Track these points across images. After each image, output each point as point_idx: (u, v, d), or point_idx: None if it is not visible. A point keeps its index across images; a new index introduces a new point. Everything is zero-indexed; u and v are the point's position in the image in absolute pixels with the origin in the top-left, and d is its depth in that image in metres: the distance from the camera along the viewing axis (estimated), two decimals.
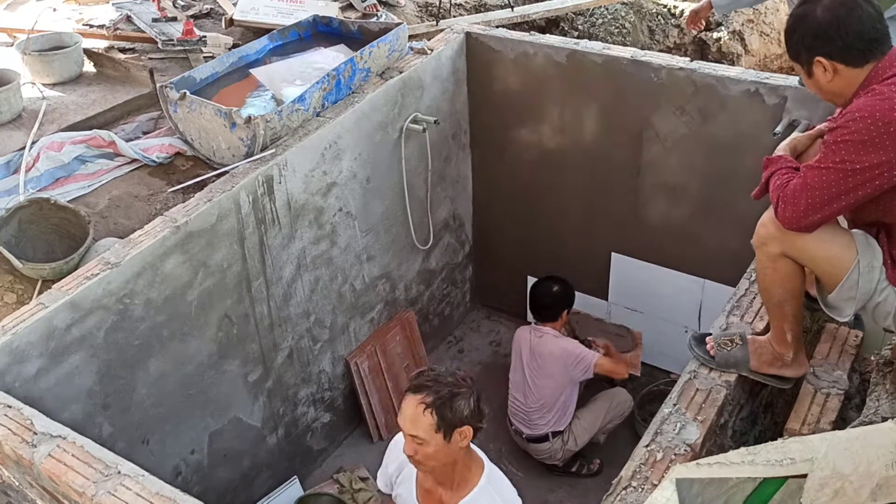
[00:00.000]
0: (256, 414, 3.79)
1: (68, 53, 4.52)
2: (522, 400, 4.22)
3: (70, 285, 2.87)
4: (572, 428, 4.20)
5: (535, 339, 4.20)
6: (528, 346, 4.21)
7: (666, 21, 6.78)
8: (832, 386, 2.61)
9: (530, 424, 4.22)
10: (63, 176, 3.77)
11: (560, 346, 4.15)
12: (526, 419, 4.23)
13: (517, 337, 4.35)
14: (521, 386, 4.24)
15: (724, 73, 3.74)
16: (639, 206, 4.30)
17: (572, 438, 4.20)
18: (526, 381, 4.20)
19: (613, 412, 4.27)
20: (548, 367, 4.13)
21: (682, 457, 2.21)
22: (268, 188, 3.46)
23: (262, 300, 3.62)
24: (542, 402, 4.16)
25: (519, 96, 4.38)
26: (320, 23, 4.51)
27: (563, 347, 4.14)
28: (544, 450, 4.23)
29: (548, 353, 4.13)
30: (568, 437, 4.20)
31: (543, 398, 4.16)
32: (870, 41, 2.11)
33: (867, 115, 2.03)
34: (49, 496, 2.34)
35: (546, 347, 4.15)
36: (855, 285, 2.24)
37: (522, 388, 4.23)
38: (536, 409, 4.18)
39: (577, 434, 4.20)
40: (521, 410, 4.25)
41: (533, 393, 4.18)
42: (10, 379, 2.70)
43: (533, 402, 4.19)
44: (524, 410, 4.23)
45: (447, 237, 4.82)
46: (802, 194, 2.14)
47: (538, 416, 4.18)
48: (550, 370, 4.13)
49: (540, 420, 4.18)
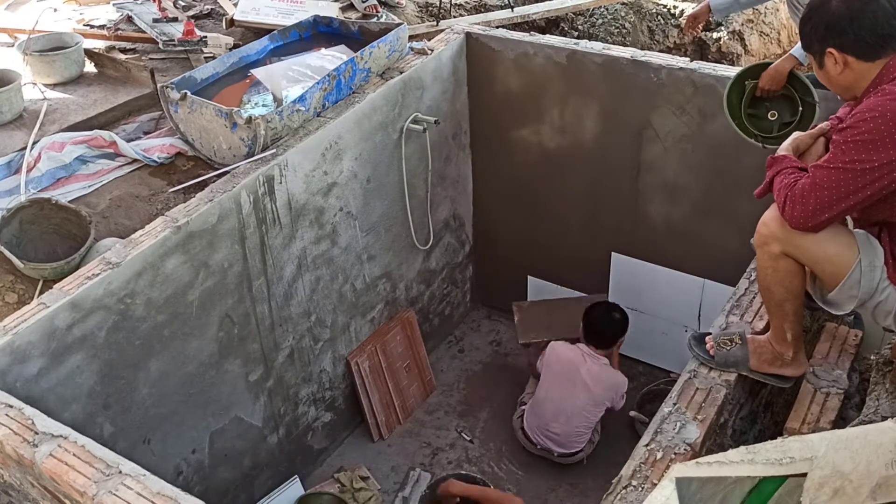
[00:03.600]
0: (257, 413, 3.79)
1: (69, 54, 4.52)
2: (563, 422, 4.13)
3: (71, 285, 2.88)
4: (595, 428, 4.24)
5: (595, 366, 4.12)
6: (585, 373, 4.09)
7: (666, 21, 6.78)
8: (832, 385, 2.61)
9: (568, 445, 4.18)
10: (64, 176, 3.78)
11: (618, 379, 4.15)
12: (563, 441, 4.18)
13: (561, 356, 4.19)
14: (563, 409, 4.13)
15: (724, 73, 3.74)
16: (639, 205, 4.31)
17: (596, 436, 4.27)
18: (574, 406, 4.11)
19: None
20: (601, 396, 4.11)
21: (682, 456, 2.21)
22: (269, 188, 3.47)
23: (262, 300, 3.62)
24: (587, 426, 4.15)
25: (519, 96, 4.38)
26: (321, 23, 4.51)
27: (620, 382, 4.15)
28: (577, 459, 4.24)
29: (609, 384, 4.11)
30: (595, 438, 4.26)
31: (590, 423, 4.16)
32: (882, 36, 2.12)
33: (878, 115, 2.04)
34: (50, 496, 2.34)
35: (607, 379, 4.12)
36: (856, 284, 2.25)
37: (566, 411, 4.12)
38: (580, 432, 4.16)
39: (597, 428, 4.26)
40: (556, 433, 4.16)
41: (582, 419, 4.13)
42: (11, 379, 2.71)
43: (577, 425, 4.14)
44: (562, 433, 4.16)
45: (447, 237, 4.82)
46: (811, 194, 2.14)
47: (577, 437, 4.17)
48: (602, 399, 4.11)
49: (578, 439, 4.18)
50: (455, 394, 4.78)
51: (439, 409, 4.68)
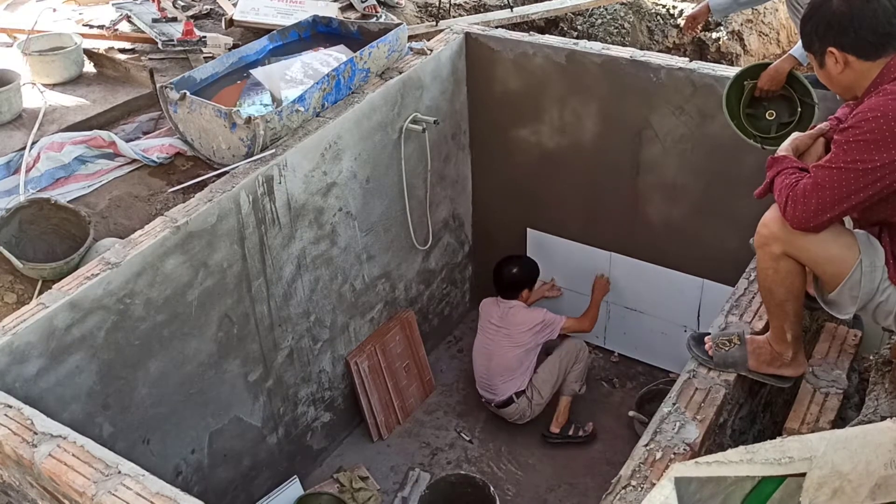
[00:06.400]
0: (257, 413, 3.79)
1: (68, 54, 4.52)
2: (485, 368, 4.44)
3: (70, 285, 2.88)
4: (533, 383, 4.41)
5: (505, 309, 4.44)
6: (497, 316, 4.44)
7: (665, 21, 6.78)
8: (831, 385, 2.61)
9: (494, 390, 4.42)
10: (63, 176, 3.77)
11: (529, 315, 4.41)
12: (489, 385, 4.44)
13: (483, 309, 4.59)
14: (485, 355, 4.45)
15: (723, 74, 3.74)
16: (638, 206, 4.31)
17: (535, 392, 4.41)
18: (492, 350, 4.42)
19: (566, 358, 4.46)
20: (515, 336, 4.37)
21: (682, 456, 2.21)
22: (268, 188, 3.47)
23: (262, 300, 3.62)
24: (505, 367, 4.38)
25: (518, 96, 4.38)
26: (320, 23, 4.51)
27: (531, 317, 4.40)
28: (514, 412, 4.42)
29: (518, 322, 4.38)
30: (532, 394, 4.40)
31: (508, 364, 4.37)
32: (883, 35, 2.11)
33: (879, 115, 2.04)
34: (49, 496, 2.34)
35: (515, 318, 4.40)
36: (857, 285, 2.25)
37: (487, 356, 4.44)
38: (498, 374, 4.39)
39: (539, 387, 4.41)
40: (484, 378, 4.47)
41: (497, 361, 4.39)
42: (10, 379, 2.71)
43: (496, 368, 4.40)
44: (487, 377, 4.45)
45: (447, 237, 4.82)
46: (813, 194, 2.14)
47: (500, 382, 4.40)
48: (518, 339, 4.38)
49: (502, 385, 4.40)
50: (454, 394, 4.78)
51: (438, 409, 4.69)
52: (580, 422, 4.48)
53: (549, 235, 4.73)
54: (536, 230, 4.77)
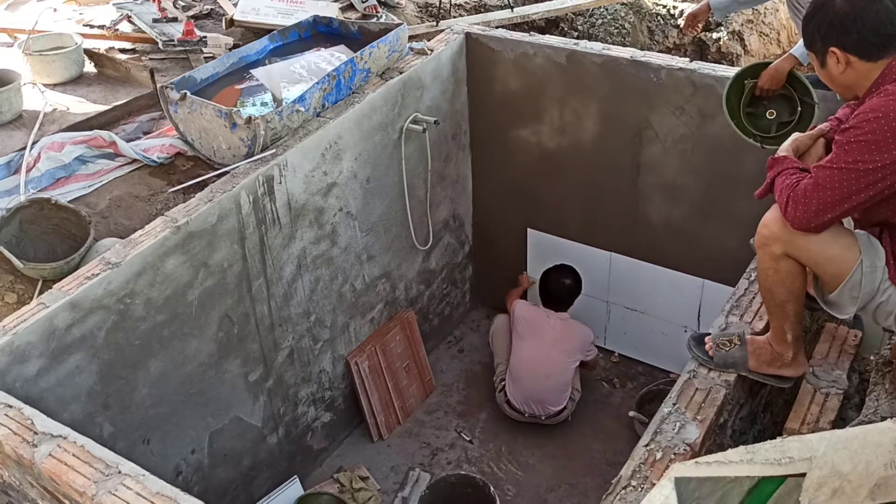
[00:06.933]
0: (257, 413, 3.80)
1: (69, 54, 4.53)
2: (542, 386, 4.35)
3: (70, 285, 2.88)
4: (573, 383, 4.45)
5: (558, 321, 4.42)
6: (555, 330, 4.39)
7: (666, 21, 6.78)
8: (831, 385, 2.61)
9: (548, 405, 4.38)
10: (64, 176, 3.78)
11: (583, 329, 4.45)
12: (542, 402, 4.38)
13: (527, 318, 4.47)
14: (542, 374, 4.34)
15: (724, 74, 3.74)
16: (638, 206, 4.31)
17: (577, 393, 4.47)
18: (551, 369, 4.34)
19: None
20: (572, 351, 4.38)
21: (682, 456, 2.21)
22: (268, 188, 3.47)
23: (262, 300, 3.62)
24: (564, 383, 4.37)
25: (519, 96, 4.38)
26: (320, 23, 4.51)
27: (586, 331, 4.45)
28: (564, 416, 4.44)
29: (575, 336, 4.40)
30: (576, 396, 4.47)
31: (567, 378, 4.38)
32: (886, 36, 2.11)
33: (881, 116, 2.04)
34: (50, 496, 2.34)
35: (572, 332, 4.41)
36: (857, 285, 2.25)
37: (544, 375, 4.34)
38: (557, 390, 4.37)
39: (575, 385, 4.46)
40: (536, 394, 4.36)
41: (557, 378, 4.35)
42: (10, 379, 2.71)
43: (555, 385, 4.36)
44: (542, 393, 4.36)
45: (447, 237, 4.82)
46: (814, 194, 2.14)
47: (559, 394, 4.38)
48: (574, 354, 4.39)
49: (561, 396, 4.39)
50: (454, 394, 4.78)
51: (439, 410, 4.69)
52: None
53: (550, 235, 4.73)
54: (537, 230, 4.78)
